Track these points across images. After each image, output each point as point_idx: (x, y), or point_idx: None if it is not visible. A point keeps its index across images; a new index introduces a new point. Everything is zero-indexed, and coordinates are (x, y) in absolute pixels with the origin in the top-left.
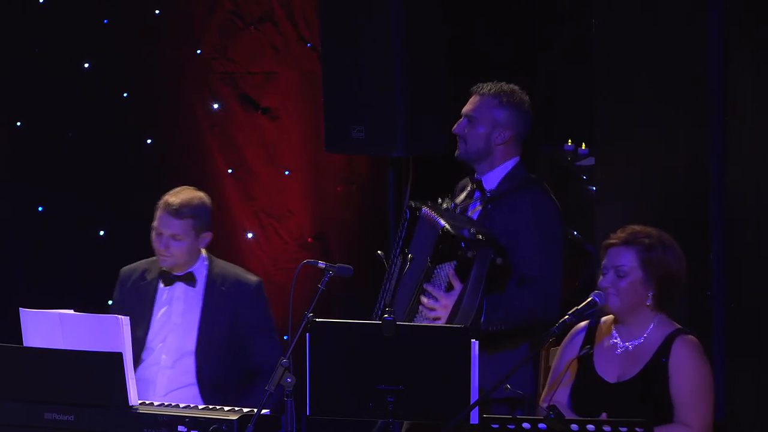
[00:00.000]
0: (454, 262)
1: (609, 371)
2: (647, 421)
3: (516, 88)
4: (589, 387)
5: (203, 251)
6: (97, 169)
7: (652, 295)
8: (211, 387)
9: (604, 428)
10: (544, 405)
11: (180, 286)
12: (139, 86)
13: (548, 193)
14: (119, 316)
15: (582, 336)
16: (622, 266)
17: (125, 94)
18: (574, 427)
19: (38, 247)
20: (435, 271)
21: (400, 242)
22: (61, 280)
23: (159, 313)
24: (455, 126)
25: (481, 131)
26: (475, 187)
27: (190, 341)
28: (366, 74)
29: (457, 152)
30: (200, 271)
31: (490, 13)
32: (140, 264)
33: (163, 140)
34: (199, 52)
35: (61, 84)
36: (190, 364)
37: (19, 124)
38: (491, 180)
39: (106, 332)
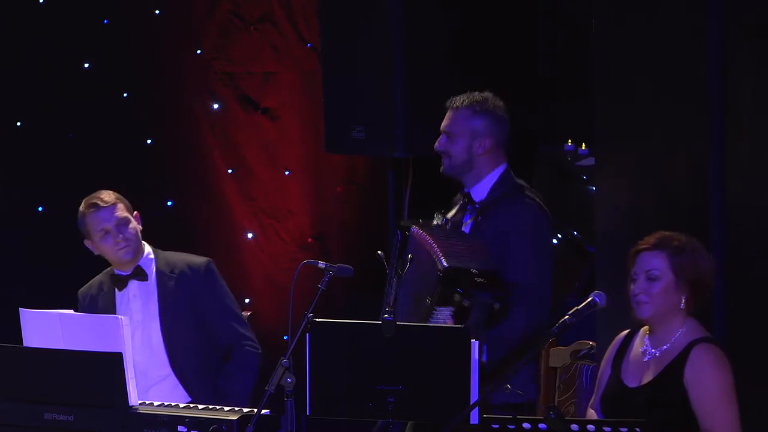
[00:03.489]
0: (452, 309)
1: (633, 376)
2: (647, 422)
3: (489, 95)
4: (613, 392)
5: (147, 245)
6: (97, 169)
7: (685, 299)
8: (190, 375)
9: (604, 428)
10: (591, 417)
11: (133, 285)
12: (139, 86)
13: (536, 199)
14: (119, 316)
15: (618, 345)
16: (653, 270)
17: (125, 94)
18: (574, 427)
19: (38, 247)
20: (435, 312)
21: (395, 263)
22: (61, 280)
23: (121, 315)
24: (436, 143)
25: (461, 145)
26: (466, 200)
27: (156, 334)
28: (366, 74)
29: (442, 168)
30: (148, 265)
31: (490, 13)
32: (94, 280)
33: (163, 140)
34: (199, 52)
35: (61, 84)
36: (162, 356)
37: (19, 124)
38: (480, 191)
39: (106, 332)
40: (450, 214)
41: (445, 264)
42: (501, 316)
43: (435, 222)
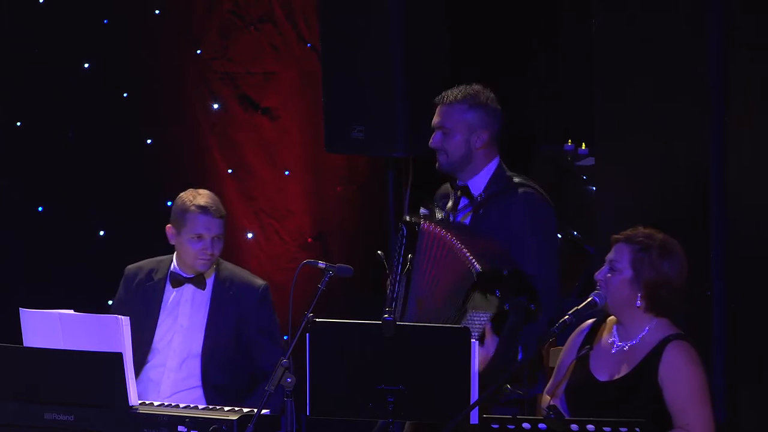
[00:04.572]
0: (489, 314)
1: (602, 370)
2: (647, 421)
3: (479, 87)
4: (582, 384)
5: None
6: (97, 169)
7: (640, 297)
8: (215, 390)
9: (604, 428)
10: (546, 402)
11: (188, 288)
12: (139, 86)
13: (537, 189)
14: (119, 316)
15: (584, 334)
16: (615, 261)
17: (125, 94)
18: (574, 427)
19: (38, 247)
20: (468, 316)
21: (401, 259)
22: (61, 280)
23: (166, 315)
24: (431, 141)
25: (459, 139)
26: (460, 194)
27: (196, 343)
28: (366, 74)
29: (437, 164)
30: (209, 274)
31: (490, 12)
32: (146, 263)
33: (163, 140)
34: (199, 52)
35: (61, 84)
36: (195, 366)
37: (19, 124)
38: (477, 184)
39: (106, 332)
40: (447, 207)
41: (479, 268)
42: (536, 316)
43: (438, 216)
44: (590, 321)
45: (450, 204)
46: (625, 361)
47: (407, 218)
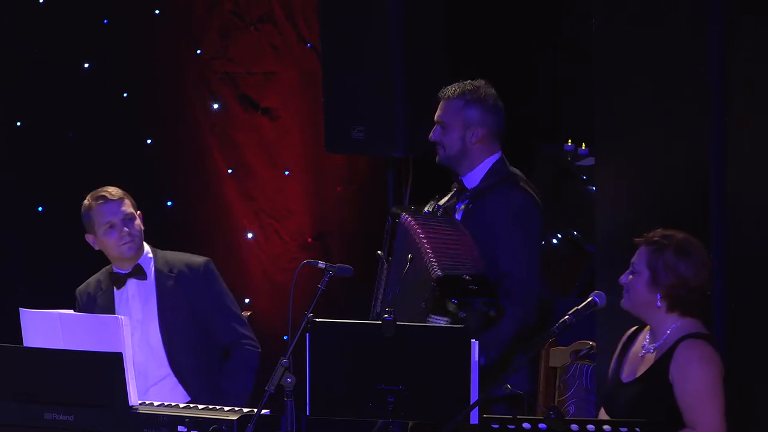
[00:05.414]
0: (447, 319)
1: (629, 372)
2: (647, 421)
3: (480, 83)
4: (611, 387)
5: (146, 244)
6: (97, 169)
7: (660, 297)
8: (189, 375)
9: (604, 428)
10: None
11: (132, 284)
12: (139, 86)
13: (525, 188)
14: (119, 316)
15: (624, 341)
16: (635, 264)
17: (125, 94)
18: (574, 427)
19: (38, 247)
20: (429, 319)
21: (385, 250)
22: (61, 281)
23: (120, 314)
24: (431, 134)
25: (455, 135)
26: (458, 188)
27: (154, 333)
28: (366, 74)
29: (437, 157)
30: (147, 264)
31: (489, 12)
32: (92, 279)
33: (163, 140)
34: (199, 52)
35: (61, 84)
36: (161, 356)
37: (19, 124)
38: (472, 179)
39: (106, 332)
40: (443, 201)
41: (438, 273)
42: (496, 321)
43: (427, 209)
44: (632, 329)
45: (447, 198)
46: (646, 361)
47: (394, 210)
